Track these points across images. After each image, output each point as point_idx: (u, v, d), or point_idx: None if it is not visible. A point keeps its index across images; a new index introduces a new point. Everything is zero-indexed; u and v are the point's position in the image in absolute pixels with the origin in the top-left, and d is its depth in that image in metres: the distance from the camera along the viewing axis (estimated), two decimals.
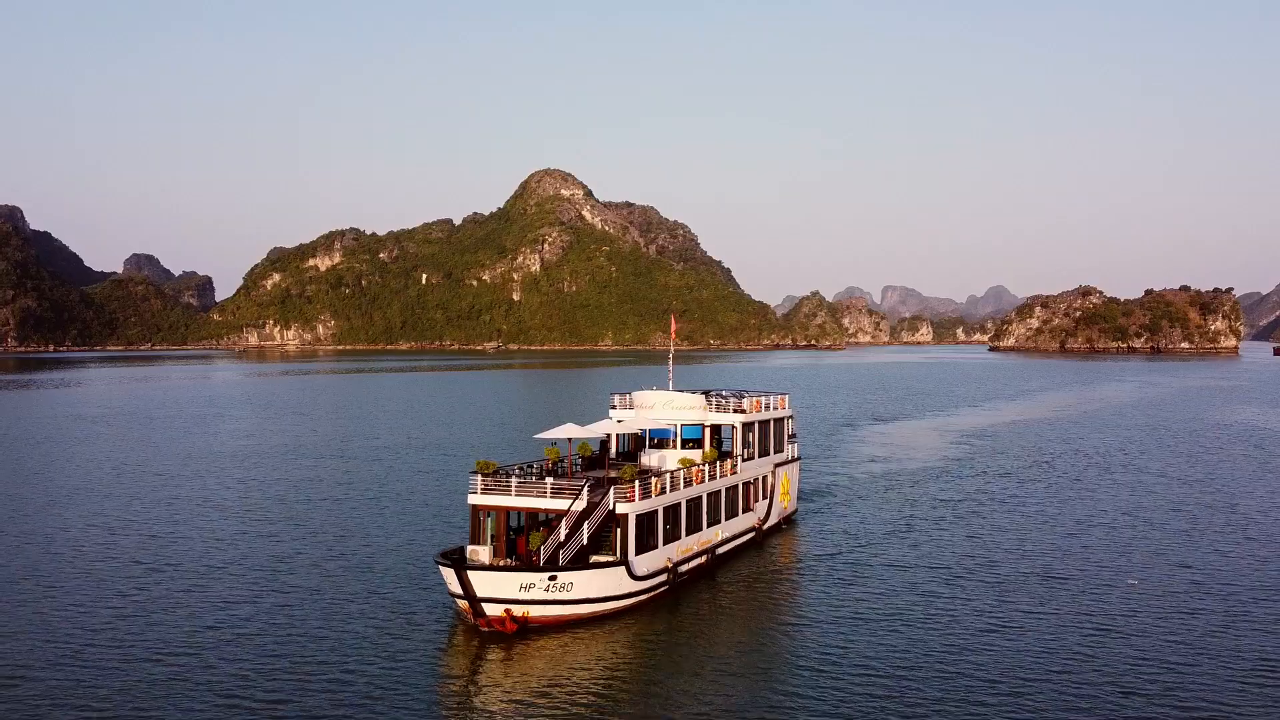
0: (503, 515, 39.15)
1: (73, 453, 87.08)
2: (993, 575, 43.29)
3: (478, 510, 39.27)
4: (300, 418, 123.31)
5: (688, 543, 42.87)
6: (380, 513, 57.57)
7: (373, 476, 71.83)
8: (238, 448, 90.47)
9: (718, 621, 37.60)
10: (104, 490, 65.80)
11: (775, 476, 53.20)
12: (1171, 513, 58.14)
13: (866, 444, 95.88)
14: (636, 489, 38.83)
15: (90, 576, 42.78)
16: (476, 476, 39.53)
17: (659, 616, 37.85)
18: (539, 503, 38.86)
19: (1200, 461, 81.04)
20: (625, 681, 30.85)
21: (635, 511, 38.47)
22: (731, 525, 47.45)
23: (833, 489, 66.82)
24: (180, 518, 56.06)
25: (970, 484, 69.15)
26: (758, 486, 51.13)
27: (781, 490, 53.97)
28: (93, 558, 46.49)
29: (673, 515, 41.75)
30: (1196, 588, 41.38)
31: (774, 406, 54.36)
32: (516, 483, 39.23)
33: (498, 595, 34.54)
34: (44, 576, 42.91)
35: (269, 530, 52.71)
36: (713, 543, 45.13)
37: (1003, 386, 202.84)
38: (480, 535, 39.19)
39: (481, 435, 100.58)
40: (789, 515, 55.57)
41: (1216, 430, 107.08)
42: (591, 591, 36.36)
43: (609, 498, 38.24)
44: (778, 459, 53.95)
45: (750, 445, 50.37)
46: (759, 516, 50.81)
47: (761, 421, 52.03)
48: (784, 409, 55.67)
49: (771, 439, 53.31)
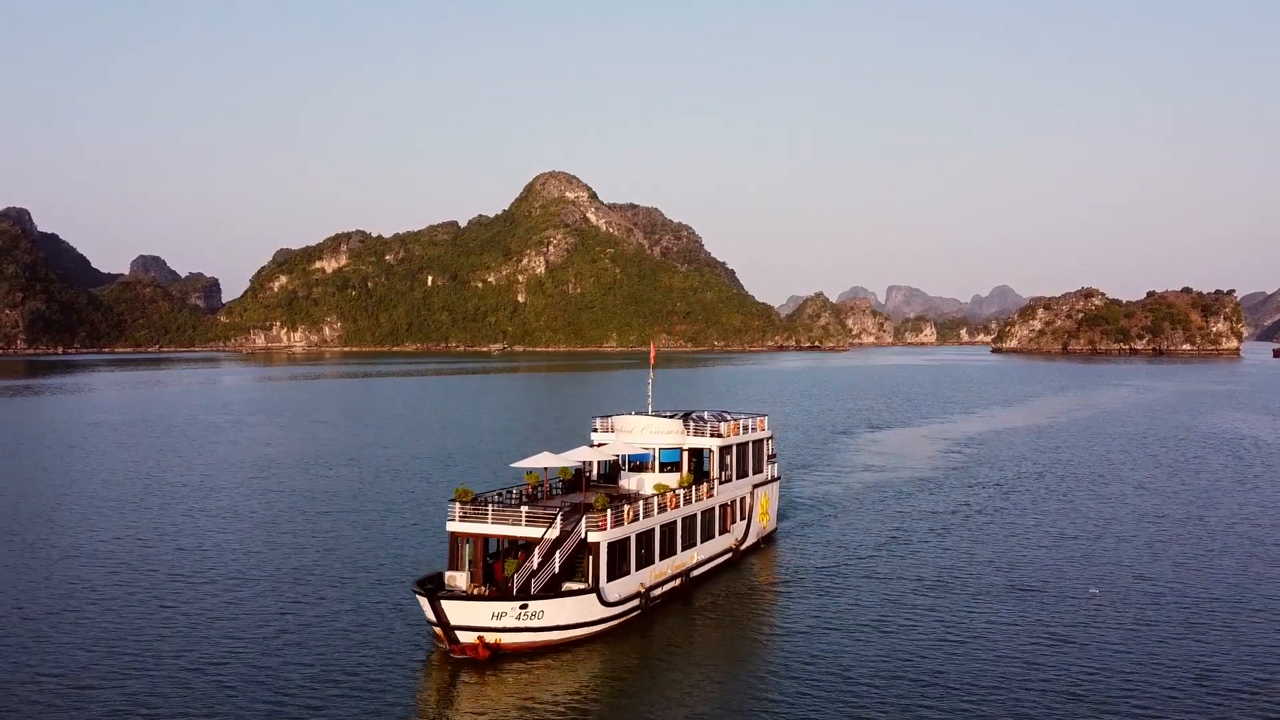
0: (480, 542, 40.62)
1: (98, 463, 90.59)
2: (963, 588, 46.57)
3: (456, 537, 40.65)
4: (312, 426, 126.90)
5: (661, 567, 44.24)
6: (372, 530, 60.48)
7: (371, 491, 75.18)
8: (254, 458, 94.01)
9: (689, 643, 40.08)
10: (136, 502, 69.31)
11: (754, 497, 54.89)
12: (1142, 525, 61.40)
13: (860, 453, 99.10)
14: (609, 517, 40.24)
15: (135, 599, 46.23)
16: (454, 504, 41.04)
17: (631, 640, 39.49)
18: (514, 530, 40.44)
19: (1179, 473, 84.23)
20: (596, 704, 33.04)
21: (607, 539, 39.97)
22: (707, 548, 48.93)
23: (817, 503, 69.24)
24: (196, 530, 59.46)
25: (954, 496, 72.40)
26: (735, 508, 52.83)
27: (760, 510, 55.73)
28: (132, 574, 49.86)
29: (646, 541, 43.09)
30: (1152, 600, 44.68)
31: (753, 428, 56.17)
32: (493, 511, 40.80)
33: (471, 623, 36.12)
34: (98, 594, 46.37)
35: (266, 545, 55.76)
36: (687, 565, 46.67)
37: (1000, 392, 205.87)
38: (458, 561, 40.50)
39: (480, 447, 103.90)
40: (768, 534, 57.26)
41: (1201, 440, 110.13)
42: (562, 619, 37.88)
43: (581, 526, 39.74)
44: (756, 480, 55.63)
45: (728, 468, 52.29)
46: (736, 538, 52.37)
47: (739, 444, 53.70)
48: (763, 430, 57.58)
49: (750, 461, 55.05)
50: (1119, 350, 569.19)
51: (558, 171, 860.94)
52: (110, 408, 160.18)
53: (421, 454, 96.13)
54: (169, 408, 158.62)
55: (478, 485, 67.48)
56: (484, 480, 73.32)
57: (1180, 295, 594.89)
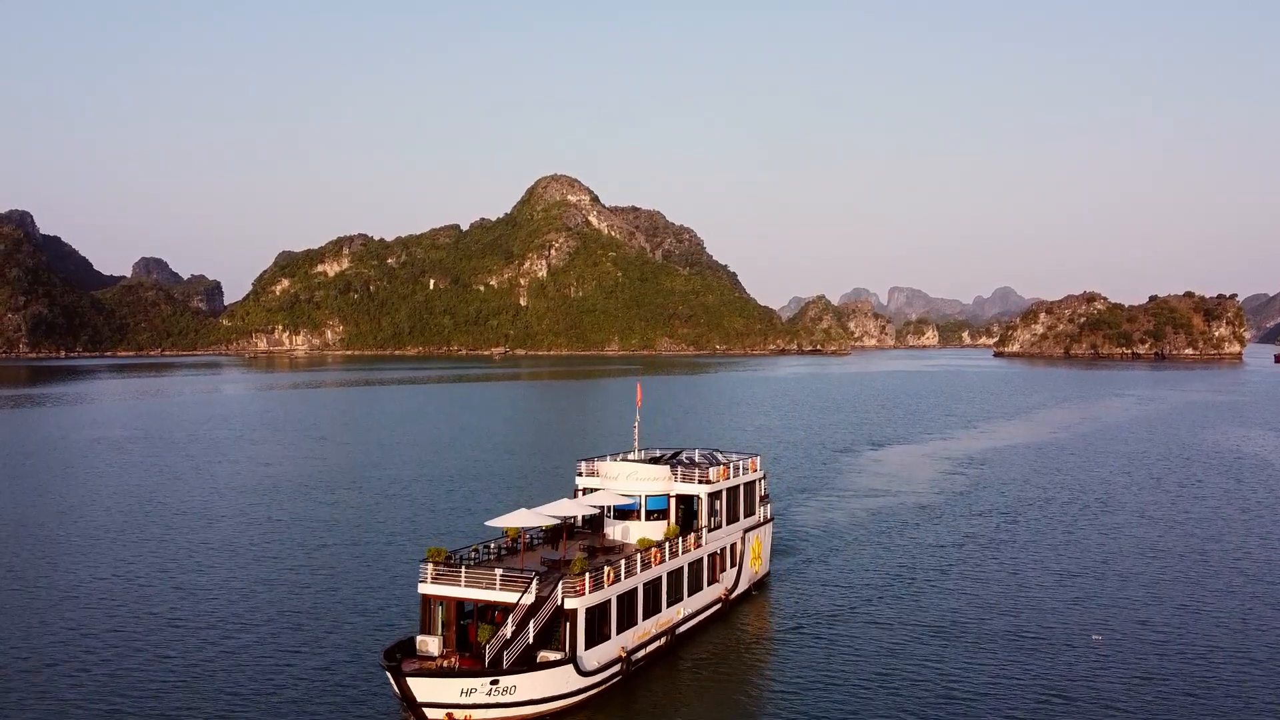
0: (453, 604, 38.75)
1: (98, 487, 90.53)
2: (966, 635, 46.26)
3: (428, 599, 38.93)
4: (313, 444, 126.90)
5: (645, 626, 42.15)
6: (374, 566, 60.21)
7: (372, 521, 75.10)
8: (254, 481, 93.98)
9: (675, 707, 38.56)
10: (136, 533, 69.23)
11: (745, 542, 52.86)
12: (1145, 560, 61.17)
13: (861, 474, 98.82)
14: (587, 582, 38.17)
15: (130, 636, 46.14)
16: (426, 565, 39.16)
17: (611, 707, 37.93)
18: (488, 594, 38.18)
19: (1180, 499, 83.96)
20: None
21: (585, 605, 37.87)
22: (695, 600, 46.91)
23: (814, 538, 67.86)
24: (195, 567, 59.34)
25: (957, 526, 72.13)
26: (725, 555, 50.78)
27: (752, 555, 53.71)
28: (131, 619, 49.71)
29: (628, 601, 41.00)
30: (1155, 649, 44.45)
31: (744, 470, 54.29)
32: (466, 572, 38.68)
33: (439, 700, 34.72)
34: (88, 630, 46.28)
35: (264, 584, 55.63)
36: (673, 622, 44.64)
37: (1002, 402, 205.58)
38: (431, 625, 38.92)
39: (478, 467, 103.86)
40: (760, 580, 55.26)
41: (1203, 461, 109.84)
42: (536, 693, 36.03)
43: (557, 592, 37.63)
44: (748, 523, 53.73)
45: (717, 513, 50.35)
46: (726, 586, 50.45)
47: (730, 488, 51.73)
48: (754, 471, 55.68)
49: (741, 504, 53.10)
50: (1121, 354, 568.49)
51: (560, 174, 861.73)
52: (111, 421, 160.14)
53: (421, 476, 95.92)
54: (170, 421, 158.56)
55: (475, 513, 67.51)
56: (481, 506, 73.34)
57: (1183, 299, 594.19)
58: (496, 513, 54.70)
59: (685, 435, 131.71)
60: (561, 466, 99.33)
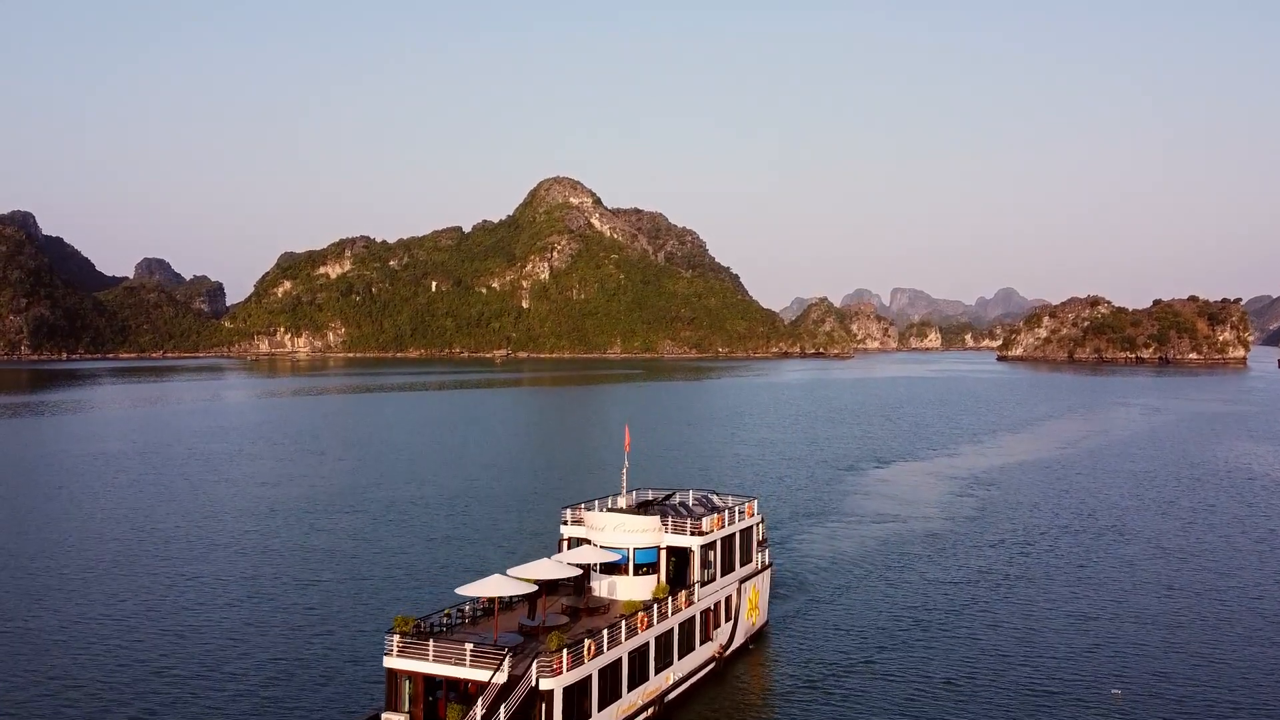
0: (420, 679, 35.98)
1: (91, 510, 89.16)
2: (980, 690, 44.57)
3: (393, 674, 36.22)
4: (311, 460, 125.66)
5: (631, 699, 39.11)
6: (369, 604, 58.95)
7: (368, 552, 73.68)
8: (250, 504, 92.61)
9: None
10: (128, 563, 67.81)
11: (741, 593, 49.52)
12: (1160, 599, 59.51)
13: (867, 497, 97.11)
14: (564, 659, 35.32)
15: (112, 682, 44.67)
16: (392, 636, 36.49)
17: None
18: (457, 671, 34.98)
19: (1192, 527, 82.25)
20: None
21: (562, 685, 35.08)
22: (686, 663, 43.71)
23: (817, 577, 64.95)
24: (185, 605, 57.89)
25: (966, 561, 70.41)
26: (720, 610, 47.49)
27: (749, 606, 50.43)
28: (119, 668, 48.26)
29: (610, 675, 37.87)
30: (1176, 706, 42.86)
31: (740, 515, 50.80)
32: (435, 645, 35.80)
33: None
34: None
35: (255, 627, 54.14)
36: (661, 689, 41.53)
37: (1008, 413, 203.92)
38: (397, 701, 36.24)
39: (468, 495, 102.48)
40: (758, 631, 52.02)
41: (1213, 482, 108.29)
42: None
43: (532, 671, 34.73)
44: (744, 572, 50.48)
45: (711, 565, 47.07)
46: (720, 643, 47.34)
47: (725, 538, 48.34)
48: (751, 517, 52.21)
49: (737, 553, 49.76)
50: (1125, 359, 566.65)
51: (562, 177, 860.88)
52: (108, 433, 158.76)
53: (420, 499, 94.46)
54: (168, 434, 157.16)
55: (460, 548, 65.60)
56: (467, 541, 71.93)
57: (1187, 303, 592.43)
58: (477, 559, 52.60)
59: (684, 452, 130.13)
60: (552, 490, 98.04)
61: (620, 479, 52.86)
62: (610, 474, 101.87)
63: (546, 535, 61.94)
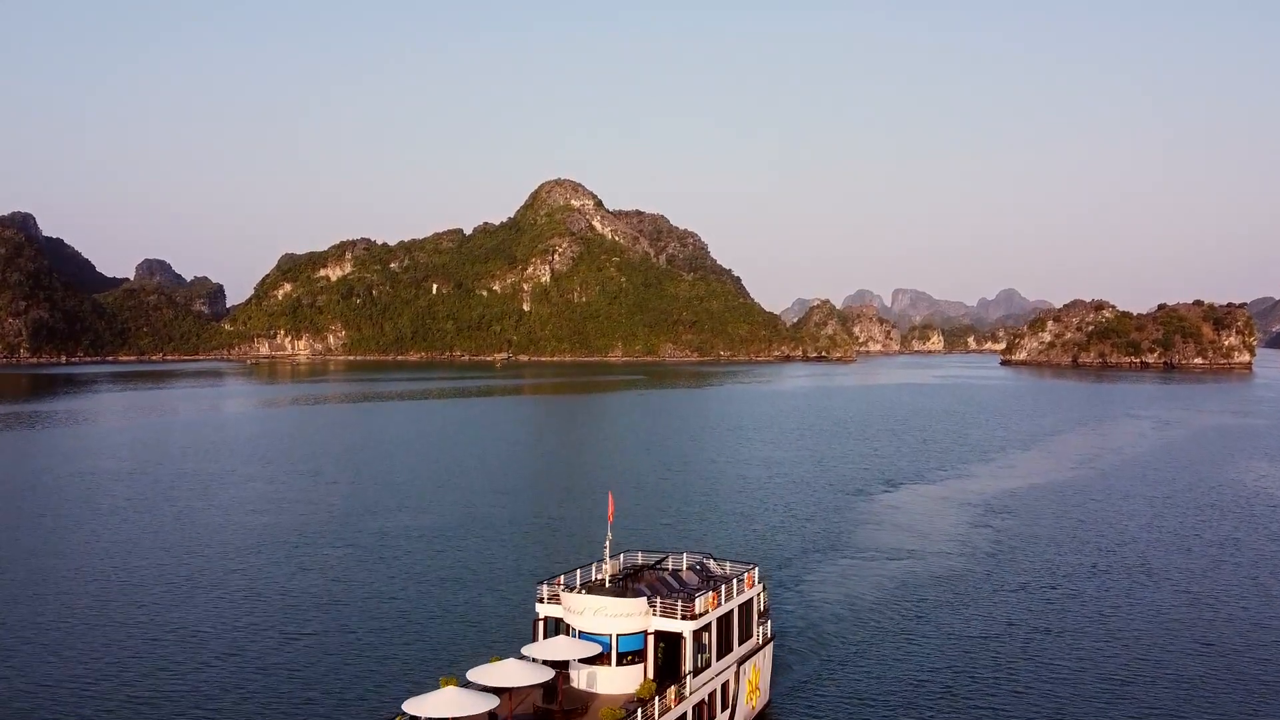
0: None
1: (66, 545, 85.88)
2: None
3: None
4: (306, 483, 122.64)
5: None
6: (356, 667, 55.87)
7: (359, 600, 70.47)
8: (238, 537, 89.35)
9: None
10: (97, 611, 64.48)
11: (741, 675, 45.18)
12: (1197, 658, 55.95)
13: (877, 529, 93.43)
14: None
15: None
16: None
17: None
18: None
19: (1220, 568, 78.65)
20: None
21: None
22: None
23: (824, 632, 59.99)
24: (157, 663, 54.52)
25: (985, 612, 66.68)
26: (715, 699, 43.17)
27: (749, 688, 46.14)
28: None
29: None
30: None
31: (739, 588, 46.08)
32: None
33: None
34: None
35: (233, 692, 50.91)
36: None
37: (1016, 426, 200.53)
38: None
39: (458, 530, 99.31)
40: (760, 713, 47.63)
41: (1235, 511, 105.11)
42: None
43: None
44: (744, 651, 45.94)
45: (706, 649, 42.60)
46: None
47: (721, 617, 43.56)
48: (751, 588, 47.32)
49: (736, 631, 45.07)
50: (1130, 363, 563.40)
51: (563, 179, 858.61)
52: (99, 449, 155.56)
53: (415, 529, 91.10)
54: (159, 451, 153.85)
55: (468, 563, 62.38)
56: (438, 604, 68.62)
57: (1191, 307, 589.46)
58: (440, 643, 48.58)
59: (684, 475, 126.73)
60: (538, 534, 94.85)
61: (604, 546, 46.76)
62: (601, 508, 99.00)
63: (525, 600, 58.07)
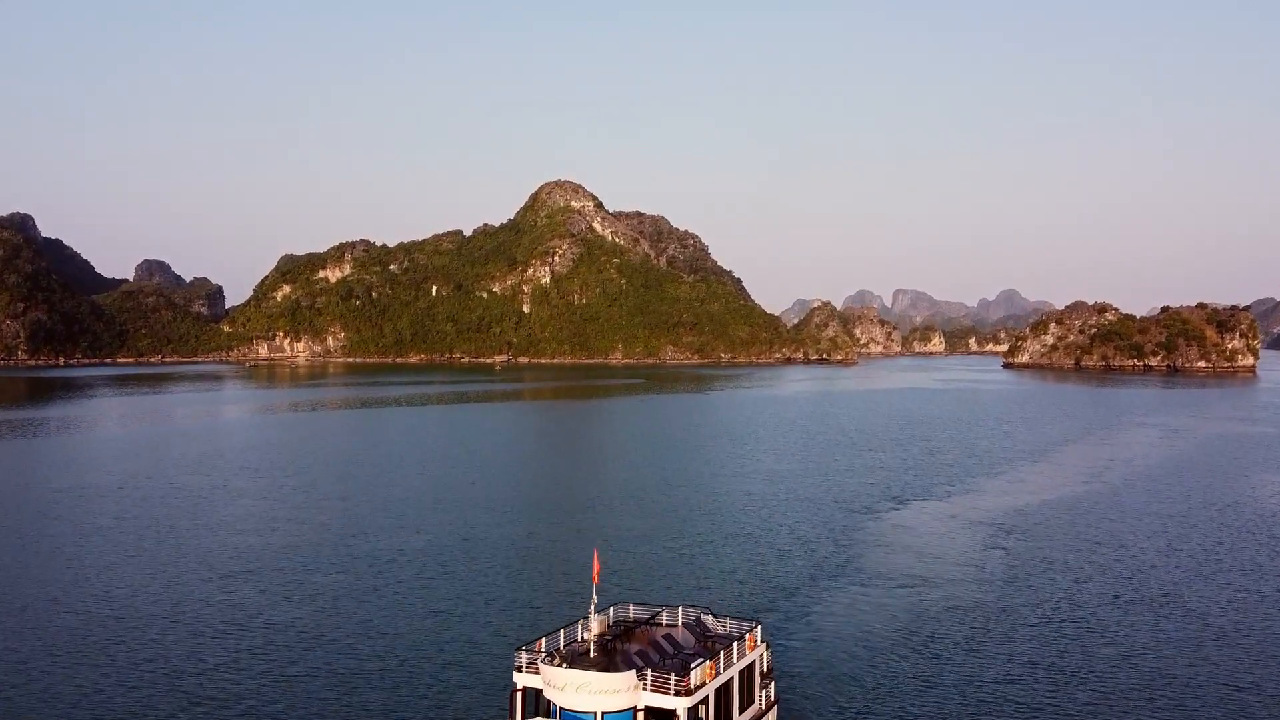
0: None
1: (43, 572, 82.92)
2: None
3: None
4: (299, 499, 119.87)
5: None
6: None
7: (344, 632, 67.50)
8: (223, 562, 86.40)
9: None
10: (73, 651, 61.49)
11: None
12: (1227, 704, 53.06)
13: (887, 552, 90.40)
14: None
15: None
16: None
17: None
18: None
19: (1243, 597, 75.73)
20: None
21: None
22: None
23: (836, 676, 56.27)
24: (134, 710, 51.61)
25: (1004, 650, 63.67)
26: None
27: None
28: None
29: None
30: None
31: (739, 653, 42.89)
32: None
33: None
34: None
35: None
36: None
37: (1023, 435, 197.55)
38: None
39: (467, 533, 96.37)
40: None
41: (1252, 532, 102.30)
42: None
43: None
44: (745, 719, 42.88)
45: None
46: None
47: (720, 688, 40.53)
48: (753, 650, 44.15)
49: (736, 701, 41.95)
50: (1133, 366, 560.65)
51: (563, 180, 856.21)
52: (90, 460, 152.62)
53: (408, 551, 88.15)
54: (150, 462, 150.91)
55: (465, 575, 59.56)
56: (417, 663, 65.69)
57: (1195, 310, 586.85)
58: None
59: (683, 492, 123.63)
60: (529, 572, 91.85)
61: (590, 604, 43.69)
62: (596, 528, 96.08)
63: (504, 657, 55.13)
